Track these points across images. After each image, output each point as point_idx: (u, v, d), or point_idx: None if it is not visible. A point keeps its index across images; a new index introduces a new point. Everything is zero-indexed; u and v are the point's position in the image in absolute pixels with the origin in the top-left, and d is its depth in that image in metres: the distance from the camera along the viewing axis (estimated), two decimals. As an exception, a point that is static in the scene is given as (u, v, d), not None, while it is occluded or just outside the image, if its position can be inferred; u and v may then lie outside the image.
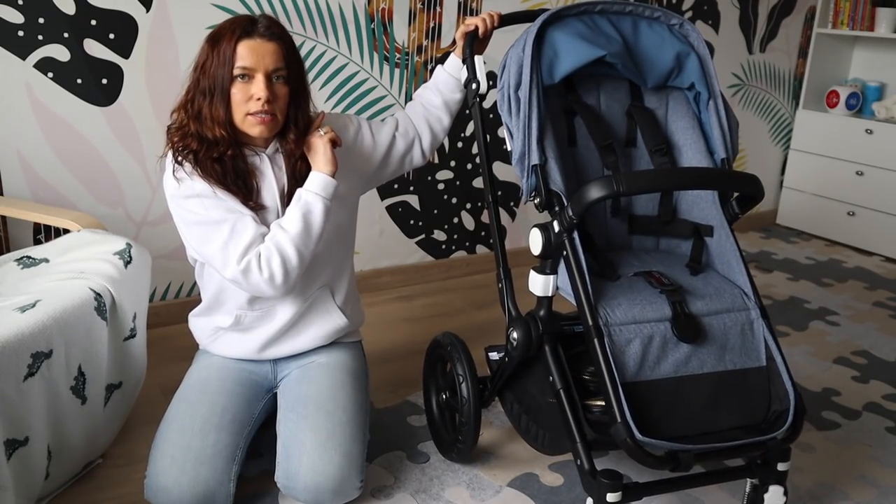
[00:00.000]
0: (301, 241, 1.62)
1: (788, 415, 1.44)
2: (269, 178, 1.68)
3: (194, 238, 1.64)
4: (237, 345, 1.81)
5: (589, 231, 1.70)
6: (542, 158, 1.57)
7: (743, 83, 3.86)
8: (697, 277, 1.59)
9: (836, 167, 3.93)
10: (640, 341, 1.43)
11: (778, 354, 1.49)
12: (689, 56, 1.70)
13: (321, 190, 1.65)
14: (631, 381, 1.41)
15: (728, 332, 1.49)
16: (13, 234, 2.31)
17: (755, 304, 1.53)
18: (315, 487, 1.62)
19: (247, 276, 1.60)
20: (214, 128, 1.58)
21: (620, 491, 1.40)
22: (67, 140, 2.34)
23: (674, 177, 1.53)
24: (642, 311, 1.47)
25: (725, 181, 1.54)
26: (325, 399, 1.72)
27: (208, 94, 1.58)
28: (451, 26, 2.91)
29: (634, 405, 1.38)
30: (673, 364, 1.45)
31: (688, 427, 1.42)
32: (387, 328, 2.68)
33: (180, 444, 1.61)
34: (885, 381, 2.50)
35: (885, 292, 3.32)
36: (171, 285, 2.63)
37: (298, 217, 1.63)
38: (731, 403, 1.46)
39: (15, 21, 2.17)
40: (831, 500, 1.86)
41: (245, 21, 1.59)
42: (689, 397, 1.44)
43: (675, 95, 1.74)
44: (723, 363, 1.47)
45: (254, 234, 1.61)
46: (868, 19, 3.79)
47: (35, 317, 1.52)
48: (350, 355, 1.88)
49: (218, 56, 1.56)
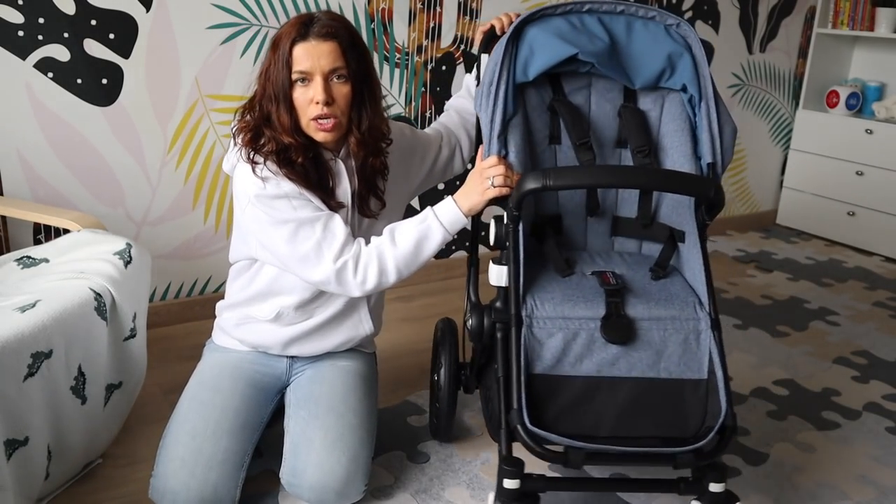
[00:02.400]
0: (404, 262, 1.60)
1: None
2: (343, 182, 1.66)
3: (280, 237, 1.59)
4: (263, 335, 1.78)
5: (567, 228, 1.75)
6: (500, 152, 1.61)
7: (743, 83, 3.87)
8: (657, 282, 1.57)
9: (836, 167, 3.93)
10: (562, 336, 1.44)
11: (720, 368, 1.43)
12: (682, 57, 1.67)
13: (449, 224, 1.60)
14: (543, 373, 1.43)
15: (668, 339, 1.45)
16: (13, 234, 2.31)
17: (707, 315, 1.48)
18: (321, 486, 1.62)
19: (340, 276, 1.58)
20: (283, 135, 1.56)
21: (519, 479, 1.42)
22: (67, 140, 2.34)
23: (603, 174, 1.51)
24: (574, 307, 1.47)
25: (664, 182, 1.48)
26: (336, 401, 1.72)
27: (274, 101, 1.55)
28: (451, 26, 2.91)
29: (541, 397, 1.40)
30: (597, 363, 1.44)
31: (597, 428, 1.41)
32: (387, 328, 2.68)
33: (191, 448, 1.60)
34: (885, 381, 2.50)
35: (885, 292, 3.32)
36: (171, 285, 2.63)
37: (414, 239, 1.59)
38: (657, 412, 1.42)
39: (15, 21, 2.17)
40: (831, 500, 1.86)
41: (301, 21, 1.54)
42: (608, 399, 1.42)
43: (671, 97, 1.71)
44: (656, 370, 1.43)
45: (346, 233, 1.59)
46: (868, 19, 3.79)
47: (35, 317, 1.52)
48: (363, 362, 1.89)
49: (277, 61, 1.53)
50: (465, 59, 2.98)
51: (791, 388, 2.41)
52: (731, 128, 1.64)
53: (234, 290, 1.82)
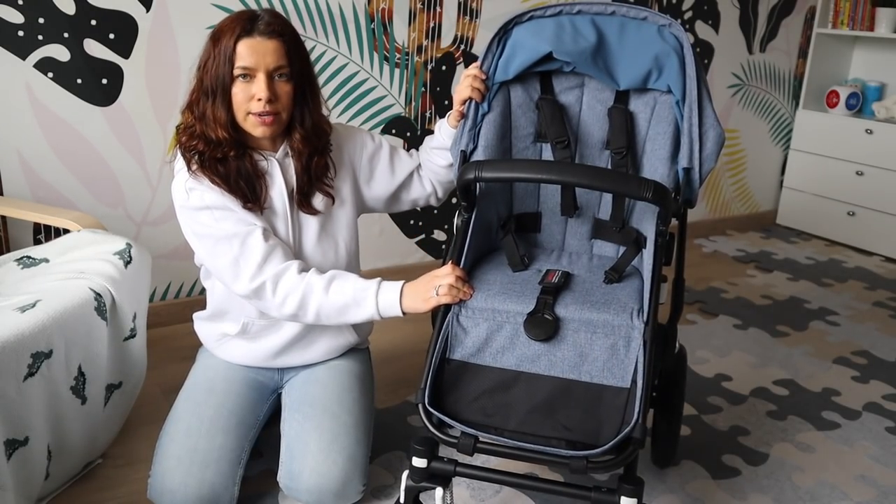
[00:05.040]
0: (325, 313, 1.58)
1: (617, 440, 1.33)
2: (278, 182, 1.65)
3: (203, 250, 1.61)
4: (245, 352, 1.79)
5: (545, 227, 1.78)
6: (468, 146, 1.66)
7: (743, 83, 3.86)
8: (607, 286, 1.55)
9: (836, 167, 3.93)
10: (487, 327, 1.45)
11: (641, 379, 1.37)
12: (669, 58, 1.63)
13: (383, 308, 1.56)
14: (461, 359, 1.44)
15: (594, 343, 1.42)
16: (13, 234, 2.31)
17: (641, 324, 1.42)
18: (318, 489, 1.62)
19: (259, 294, 1.58)
20: (217, 129, 1.56)
21: (426, 459, 1.45)
22: (67, 140, 2.34)
23: (532, 168, 1.45)
24: (505, 301, 1.47)
25: (596, 180, 1.39)
26: (331, 401, 1.72)
27: (210, 95, 1.55)
28: (451, 26, 2.91)
29: (455, 382, 1.42)
30: (517, 358, 1.43)
31: (506, 420, 1.40)
32: (386, 328, 2.68)
33: (187, 446, 1.60)
34: (885, 381, 2.50)
35: (885, 292, 3.32)
36: (171, 285, 2.63)
37: (344, 301, 1.56)
38: (571, 414, 1.39)
39: (15, 21, 2.18)
40: (831, 500, 1.86)
41: (246, 18, 1.53)
42: (523, 394, 1.41)
43: (662, 100, 1.68)
44: (577, 372, 1.41)
45: (265, 249, 1.58)
46: (868, 19, 3.79)
47: (35, 317, 1.52)
48: (358, 360, 1.88)
49: (218, 55, 1.53)
50: (465, 59, 2.98)
51: (791, 388, 2.41)
52: (716, 133, 1.59)
53: (209, 298, 1.82)
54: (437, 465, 1.46)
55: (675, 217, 1.56)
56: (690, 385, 2.39)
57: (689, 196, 1.60)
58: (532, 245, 1.81)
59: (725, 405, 2.28)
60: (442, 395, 1.42)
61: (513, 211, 1.78)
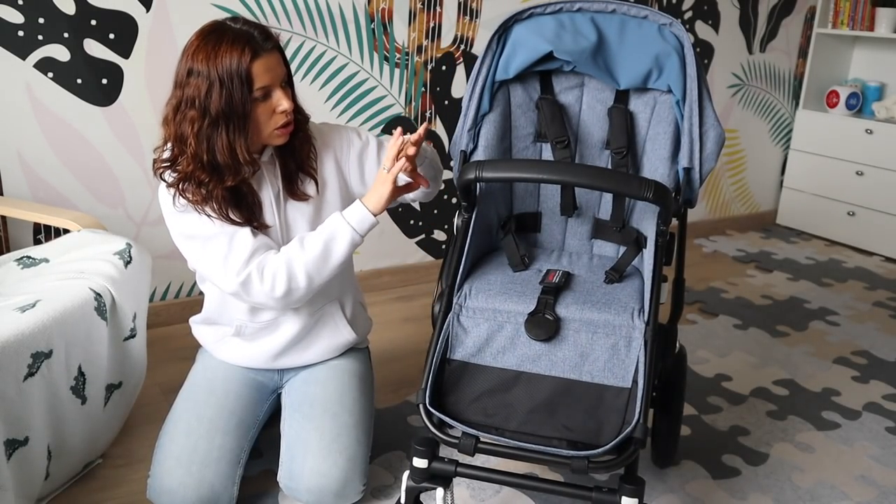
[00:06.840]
0: (314, 266, 1.58)
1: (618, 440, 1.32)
2: (266, 188, 1.64)
3: (192, 252, 1.61)
4: (243, 354, 1.78)
5: (545, 227, 1.78)
6: (468, 146, 1.67)
7: (743, 83, 3.86)
8: (607, 286, 1.55)
9: (836, 167, 3.93)
10: (487, 327, 1.46)
11: (642, 379, 1.37)
12: (670, 58, 1.63)
13: (356, 223, 1.58)
14: (462, 359, 1.44)
15: (595, 343, 1.42)
16: (13, 234, 2.31)
17: (642, 324, 1.42)
18: (318, 489, 1.62)
19: (247, 287, 1.57)
20: (226, 154, 1.50)
21: (427, 459, 1.44)
22: (67, 140, 2.34)
23: (533, 168, 1.44)
24: (506, 301, 1.47)
25: (596, 179, 1.38)
26: (331, 401, 1.72)
27: (223, 122, 1.48)
28: (451, 26, 2.91)
29: (456, 382, 1.42)
30: (518, 358, 1.43)
31: (507, 421, 1.40)
32: (387, 328, 2.68)
33: (186, 446, 1.60)
34: (885, 381, 2.50)
35: (885, 292, 3.32)
36: (171, 285, 2.63)
37: (321, 241, 1.58)
38: (572, 414, 1.39)
39: (15, 21, 2.17)
40: (831, 500, 1.86)
41: (245, 39, 1.47)
42: (524, 394, 1.41)
43: (662, 99, 1.68)
44: (578, 372, 1.41)
45: (253, 244, 1.58)
46: (868, 19, 3.79)
47: (35, 317, 1.52)
48: (357, 360, 1.88)
49: (229, 82, 1.45)
50: (465, 59, 2.98)
51: (791, 388, 2.41)
52: (716, 133, 1.59)
53: (205, 301, 1.81)
54: (438, 465, 1.46)
55: (675, 217, 1.56)
56: (690, 385, 2.39)
57: (689, 196, 1.61)
58: (532, 245, 1.81)
59: (725, 405, 2.28)
60: (443, 395, 1.42)
61: (513, 211, 1.78)
